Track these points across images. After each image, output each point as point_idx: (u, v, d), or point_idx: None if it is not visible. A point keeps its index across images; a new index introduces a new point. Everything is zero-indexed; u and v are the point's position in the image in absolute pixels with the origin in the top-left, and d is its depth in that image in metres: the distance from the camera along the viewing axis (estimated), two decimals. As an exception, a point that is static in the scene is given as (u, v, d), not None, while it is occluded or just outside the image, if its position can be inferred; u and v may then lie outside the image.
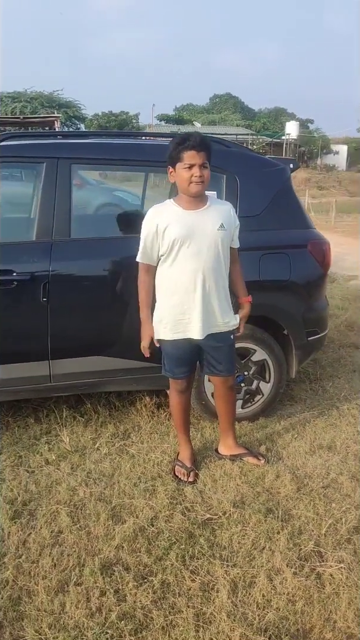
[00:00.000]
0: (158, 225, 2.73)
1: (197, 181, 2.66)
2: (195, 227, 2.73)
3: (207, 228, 2.74)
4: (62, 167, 3.20)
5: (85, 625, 2.03)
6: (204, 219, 2.75)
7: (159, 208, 2.82)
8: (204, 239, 2.74)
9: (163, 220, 2.74)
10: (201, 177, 2.65)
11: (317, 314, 3.73)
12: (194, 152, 2.62)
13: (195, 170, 2.64)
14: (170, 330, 2.86)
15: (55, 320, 3.19)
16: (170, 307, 2.84)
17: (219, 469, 3.09)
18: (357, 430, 3.57)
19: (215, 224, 2.75)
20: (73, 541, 2.49)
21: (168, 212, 2.76)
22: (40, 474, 3.02)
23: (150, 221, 2.77)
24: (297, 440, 3.45)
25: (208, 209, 2.77)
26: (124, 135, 3.92)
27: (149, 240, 2.77)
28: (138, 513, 2.68)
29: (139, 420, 3.64)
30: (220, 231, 2.76)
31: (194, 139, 2.63)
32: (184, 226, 2.72)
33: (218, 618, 2.07)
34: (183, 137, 2.69)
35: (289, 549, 2.45)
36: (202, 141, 2.64)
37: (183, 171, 2.67)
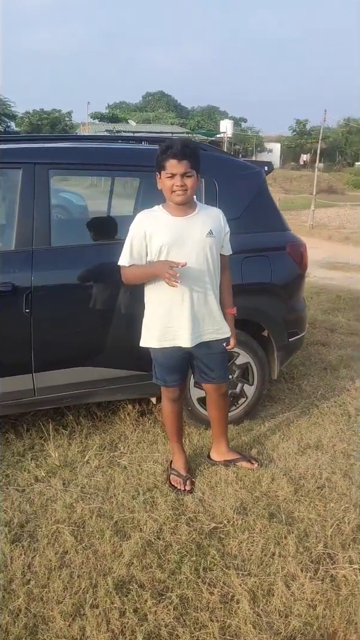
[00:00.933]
0: (146, 231, 2.68)
1: (178, 191, 2.61)
2: (183, 233, 2.69)
3: (196, 235, 2.70)
4: (39, 173, 3.09)
5: (112, 650, 1.97)
6: (192, 225, 2.71)
7: (147, 213, 2.76)
8: (192, 245, 2.69)
9: (150, 226, 2.69)
10: (183, 187, 2.60)
11: (297, 315, 3.78)
12: (175, 162, 2.57)
13: (176, 180, 2.60)
14: (159, 339, 2.81)
15: (39, 331, 3.08)
16: (158, 316, 2.80)
17: (214, 476, 3.07)
18: (341, 428, 3.64)
19: (203, 230, 2.72)
20: (80, 561, 2.41)
21: (156, 218, 2.71)
22: (32, 492, 2.91)
23: (138, 226, 2.71)
24: (285, 441, 3.48)
25: (197, 215, 2.74)
26: (102, 140, 3.82)
27: (136, 244, 2.71)
28: (142, 527, 2.63)
29: (124, 430, 3.58)
30: (209, 238, 2.72)
31: (176, 147, 2.56)
32: (172, 233, 2.67)
33: (244, 630, 2.05)
34: (167, 145, 2.62)
35: (300, 553, 2.46)
36: (183, 150, 2.57)
37: (166, 180, 2.63)
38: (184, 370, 2.96)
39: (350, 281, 8.26)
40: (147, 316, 2.86)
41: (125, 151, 3.50)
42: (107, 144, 3.54)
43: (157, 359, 2.91)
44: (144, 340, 2.88)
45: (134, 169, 3.43)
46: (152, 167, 2.79)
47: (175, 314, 2.76)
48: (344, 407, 3.96)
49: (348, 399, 4.08)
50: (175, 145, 2.58)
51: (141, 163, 3.31)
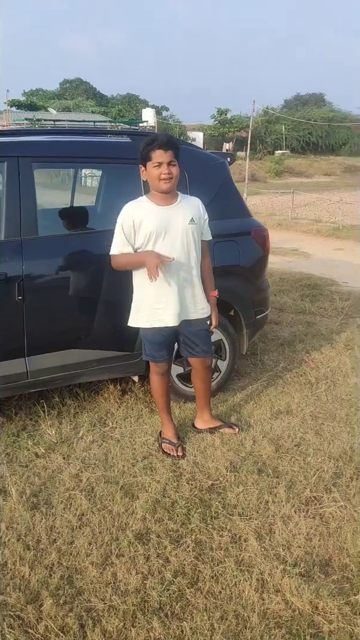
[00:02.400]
0: (134, 220, 2.96)
1: (165, 178, 2.90)
2: (168, 221, 2.98)
3: (179, 222, 3.00)
4: (23, 166, 3.25)
5: (147, 586, 2.24)
6: (176, 213, 3.00)
7: (134, 204, 3.03)
8: (176, 232, 2.99)
9: (138, 216, 2.96)
10: (169, 174, 2.90)
11: (262, 295, 4.14)
12: (161, 151, 2.86)
13: (163, 168, 2.88)
14: (148, 319, 3.10)
15: (31, 316, 3.26)
16: (147, 297, 3.08)
17: (202, 442, 3.38)
18: (306, 394, 4.04)
19: (186, 218, 3.02)
20: (98, 520, 2.65)
21: (142, 208, 2.99)
22: (36, 467, 3.11)
23: (126, 216, 2.98)
24: (258, 408, 3.83)
25: (179, 204, 3.03)
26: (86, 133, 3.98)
27: (126, 233, 2.98)
28: (147, 488, 2.90)
29: (109, 408, 3.81)
30: (191, 225, 3.03)
31: (162, 138, 2.88)
32: (158, 221, 2.96)
33: (257, 561, 2.38)
34: (152, 137, 2.93)
35: (291, 498, 2.82)
36: (169, 141, 2.89)
37: (153, 169, 2.91)
38: (171, 346, 3.25)
39: (290, 264, 8.77)
40: (136, 299, 3.13)
41: (108, 144, 3.71)
42: (90, 138, 3.74)
43: (146, 337, 3.18)
44: (134, 321, 3.16)
45: (120, 162, 3.63)
46: (137, 159, 3.05)
47: (163, 296, 3.04)
48: (304, 377, 4.36)
49: (307, 369, 4.49)
50: (160, 137, 2.90)
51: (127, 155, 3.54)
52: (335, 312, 6.16)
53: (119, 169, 3.71)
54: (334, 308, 6.31)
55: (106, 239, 3.46)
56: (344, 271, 8.29)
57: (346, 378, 4.35)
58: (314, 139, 54.77)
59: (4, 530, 2.56)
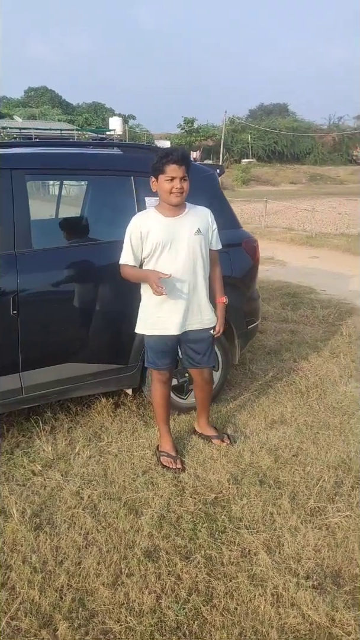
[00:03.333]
0: (142, 231, 2.99)
1: (177, 192, 2.93)
2: (175, 232, 3.00)
3: (185, 233, 3.02)
4: (16, 178, 3.20)
5: (163, 606, 2.21)
6: (182, 224, 3.02)
7: (142, 215, 3.06)
8: (181, 243, 3.01)
9: (145, 227, 2.99)
10: (181, 189, 2.94)
11: (253, 305, 4.16)
12: (175, 166, 2.89)
13: (175, 183, 2.92)
14: (151, 327, 3.12)
15: (26, 331, 3.21)
16: (152, 306, 3.09)
17: (200, 454, 3.36)
18: (298, 403, 4.06)
19: (192, 229, 3.04)
20: (105, 539, 2.61)
21: (150, 219, 3.01)
22: (34, 485, 3.04)
23: (135, 227, 3.00)
24: (253, 418, 3.83)
25: (186, 215, 3.05)
26: (78, 145, 3.95)
27: (134, 244, 3.01)
28: (151, 503, 2.87)
29: (103, 422, 3.77)
30: (197, 236, 3.05)
31: (177, 154, 2.90)
32: (164, 231, 2.98)
33: (269, 575, 2.37)
34: (167, 151, 2.96)
35: (295, 509, 2.82)
36: (183, 156, 2.92)
37: (165, 183, 2.93)
38: (174, 354, 3.26)
39: (267, 273, 8.83)
40: (142, 306, 3.16)
41: (100, 156, 3.68)
42: (81, 150, 3.70)
43: (149, 344, 3.19)
44: (138, 327, 3.19)
45: (112, 173, 3.60)
46: (129, 171, 3.04)
47: (166, 304, 3.06)
48: (294, 385, 4.39)
49: (296, 378, 4.52)
50: (175, 152, 2.92)
51: (117, 167, 3.52)
52: (317, 320, 6.23)
53: (111, 181, 3.68)
54: (315, 316, 6.38)
55: (100, 250, 3.44)
56: (321, 279, 8.40)
57: (335, 386, 4.39)
58: (279, 148, 55.57)
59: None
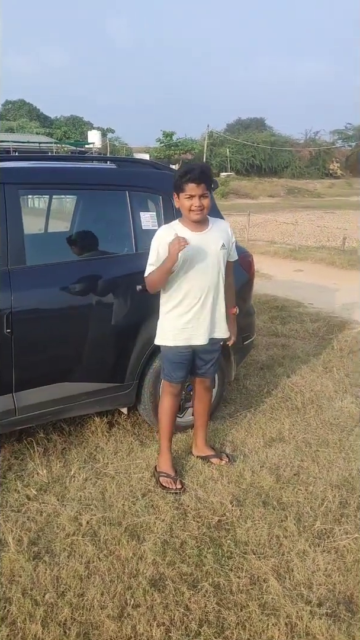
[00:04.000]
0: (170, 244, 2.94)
1: (196, 210, 2.94)
2: (201, 247, 3.02)
3: (211, 248, 3.04)
4: (9, 193, 3.11)
5: (173, 639, 2.11)
6: (208, 240, 3.05)
7: (169, 229, 3.03)
8: (208, 258, 3.04)
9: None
10: (200, 207, 2.94)
11: (249, 320, 4.10)
12: (194, 185, 2.89)
13: (195, 201, 2.91)
14: (174, 337, 3.10)
15: (20, 350, 3.10)
16: (176, 317, 3.08)
17: (200, 475, 3.27)
18: (295, 420, 4.01)
19: (217, 244, 3.06)
20: (107, 568, 2.50)
21: (178, 232, 2.97)
22: (30, 511, 2.92)
23: (163, 240, 2.97)
24: (250, 436, 3.76)
25: (211, 230, 3.08)
26: (72, 159, 3.87)
27: (161, 255, 2.97)
28: (153, 528, 2.77)
29: (97, 442, 3.66)
30: (222, 250, 3.09)
31: (195, 173, 2.88)
32: (192, 246, 2.96)
33: (281, 603, 2.29)
34: (186, 169, 2.93)
35: (302, 531, 2.75)
36: (201, 174, 2.90)
37: (185, 200, 2.93)
38: (189, 368, 3.23)
39: (254, 286, 8.78)
40: (163, 317, 3.14)
41: (95, 170, 3.61)
42: (77, 164, 3.63)
43: (167, 357, 3.17)
44: (159, 339, 3.16)
45: (107, 188, 3.53)
46: (124, 185, 2.99)
47: (194, 315, 3.07)
48: (290, 401, 4.33)
49: (291, 394, 4.46)
50: (194, 171, 2.89)
51: (112, 182, 3.45)
52: (307, 334, 6.20)
53: (105, 195, 3.60)
54: (305, 330, 6.35)
55: (95, 266, 3.37)
56: (308, 292, 8.40)
57: (331, 401, 4.34)
58: (257, 161, 56.09)
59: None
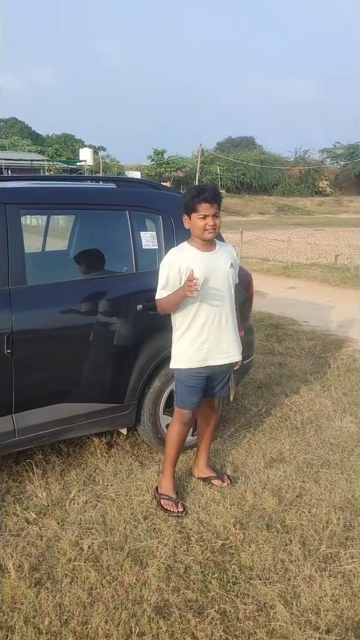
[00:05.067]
0: (180, 266, 2.97)
1: (210, 229, 2.97)
2: (213, 267, 3.03)
3: (221, 267, 3.07)
4: (10, 213, 3.10)
5: (181, 670, 2.06)
6: (218, 259, 3.06)
7: (179, 251, 3.05)
8: (220, 277, 3.06)
9: (185, 262, 2.98)
10: (214, 226, 2.98)
11: (248, 339, 4.08)
12: (208, 205, 2.93)
13: (208, 220, 2.95)
14: (190, 360, 3.08)
15: (20, 371, 3.07)
16: (191, 338, 3.06)
17: (202, 497, 3.23)
18: (295, 440, 3.98)
19: (227, 263, 3.09)
20: (111, 594, 2.45)
21: (188, 254, 3.01)
22: (29, 535, 2.87)
23: (173, 262, 2.99)
24: (251, 457, 3.73)
25: (219, 250, 3.10)
26: (71, 180, 3.87)
27: (172, 279, 2.98)
28: (156, 553, 2.72)
29: (97, 463, 3.61)
30: (231, 269, 3.12)
31: (208, 192, 2.93)
32: (204, 266, 2.99)
33: (290, 630, 2.25)
34: (198, 190, 2.98)
35: (308, 556, 2.71)
36: (214, 194, 2.95)
37: (198, 220, 2.96)
38: (202, 393, 3.19)
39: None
40: (180, 340, 3.11)
41: (95, 190, 3.60)
42: (77, 184, 3.63)
43: (181, 380, 3.14)
44: (175, 362, 3.13)
45: (108, 208, 3.53)
46: (124, 205, 2.99)
47: (208, 335, 3.06)
48: (289, 421, 4.31)
49: (290, 413, 4.44)
50: (207, 191, 2.94)
51: (114, 202, 3.46)
52: (303, 353, 6.20)
53: (106, 216, 3.60)
54: (301, 348, 6.35)
55: (96, 286, 3.36)
56: (302, 310, 8.42)
57: (330, 421, 4.33)
58: (247, 179, 56.58)
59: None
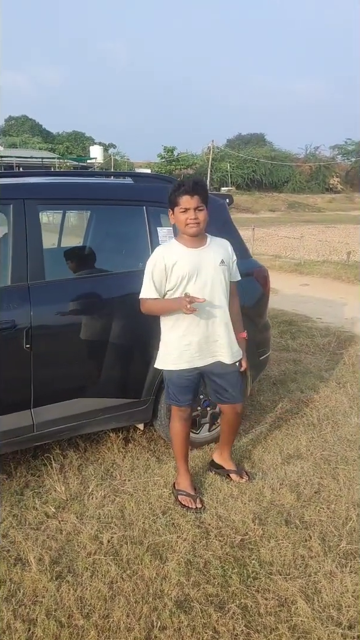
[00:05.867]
0: (166, 264, 2.89)
1: (192, 223, 2.87)
2: (200, 263, 2.93)
3: (210, 264, 2.95)
4: (29, 209, 3.11)
5: (203, 664, 2.06)
6: (207, 255, 2.96)
7: (165, 248, 2.98)
8: (207, 274, 2.94)
9: (170, 259, 2.90)
10: (196, 219, 2.87)
11: (264, 335, 4.08)
12: (187, 197, 2.84)
13: (190, 214, 2.85)
14: (176, 361, 3.01)
15: (39, 365, 3.08)
16: (177, 338, 2.99)
17: (219, 492, 3.23)
18: (312, 436, 3.97)
19: (216, 260, 2.97)
20: (131, 588, 2.45)
21: (175, 251, 2.93)
22: (49, 529, 2.88)
23: (159, 260, 2.91)
24: (268, 453, 3.72)
25: (209, 246, 2.99)
26: (87, 175, 3.88)
27: (157, 277, 2.91)
28: (175, 548, 2.72)
29: (114, 458, 3.62)
30: (222, 266, 2.99)
31: (188, 184, 2.85)
32: (191, 263, 2.90)
33: (312, 626, 2.24)
34: (179, 183, 2.90)
35: (328, 552, 2.70)
36: (195, 186, 2.85)
37: (180, 214, 2.88)
38: (196, 390, 3.16)
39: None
40: (165, 340, 3.05)
41: (113, 186, 3.61)
42: (92, 179, 3.63)
43: (171, 380, 3.08)
44: (161, 363, 3.07)
45: (124, 203, 3.53)
46: (141, 201, 2.99)
47: (192, 337, 2.97)
48: (306, 417, 4.29)
49: (307, 409, 4.43)
50: (187, 183, 2.85)
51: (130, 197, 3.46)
52: (317, 349, 6.18)
53: (123, 211, 3.60)
54: (315, 345, 6.33)
55: (114, 282, 3.36)
56: (315, 307, 8.39)
57: (347, 417, 4.31)
58: (258, 176, 56.44)
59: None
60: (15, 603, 2.36)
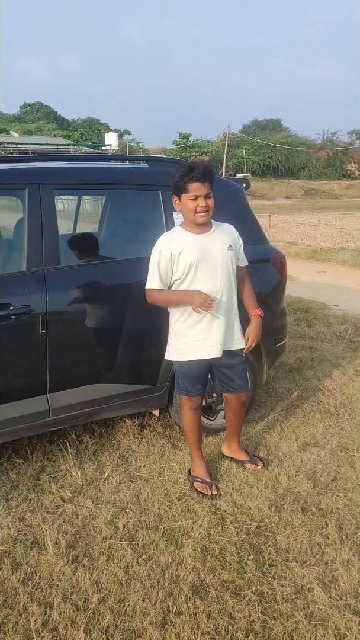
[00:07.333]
0: (172, 252, 2.83)
1: (202, 211, 2.80)
2: (207, 250, 2.87)
3: (217, 250, 2.90)
4: (44, 193, 3.08)
5: (219, 650, 2.06)
6: (214, 241, 2.90)
7: (170, 235, 2.93)
8: (215, 260, 2.89)
9: (176, 247, 2.84)
10: (206, 207, 2.80)
11: (281, 322, 4.03)
12: (199, 184, 2.74)
13: (200, 201, 2.78)
14: (186, 352, 2.97)
15: (55, 351, 3.07)
16: (186, 328, 2.94)
17: (235, 479, 3.22)
18: (328, 424, 3.93)
19: (224, 245, 2.92)
20: (147, 573, 2.46)
21: (180, 238, 2.87)
22: (65, 513, 2.89)
23: (165, 248, 2.85)
24: (284, 440, 3.70)
25: (215, 231, 2.94)
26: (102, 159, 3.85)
27: (163, 266, 2.86)
28: (191, 534, 2.72)
29: (129, 444, 3.62)
30: (229, 251, 2.94)
31: (199, 170, 2.74)
32: (197, 250, 2.84)
33: (329, 613, 2.22)
34: (188, 168, 2.78)
35: (345, 540, 2.68)
36: (206, 172, 2.76)
37: (189, 202, 2.79)
38: (206, 379, 3.12)
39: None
40: (173, 332, 3.00)
41: (128, 170, 3.57)
42: (106, 163, 3.60)
43: (182, 371, 3.04)
44: (170, 354, 3.03)
45: (140, 188, 3.49)
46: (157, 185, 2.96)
47: (203, 326, 2.91)
48: (322, 405, 4.26)
49: (323, 397, 4.39)
50: (197, 169, 2.75)
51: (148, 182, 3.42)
52: (334, 337, 6.12)
53: (139, 196, 3.56)
54: (332, 332, 6.27)
55: (129, 267, 3.33)
56: (332, 294, 8.31)
57: (364, 405, 4.26)
58: (274, 162, 55.96)
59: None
60: (31, 586, 2.37)
